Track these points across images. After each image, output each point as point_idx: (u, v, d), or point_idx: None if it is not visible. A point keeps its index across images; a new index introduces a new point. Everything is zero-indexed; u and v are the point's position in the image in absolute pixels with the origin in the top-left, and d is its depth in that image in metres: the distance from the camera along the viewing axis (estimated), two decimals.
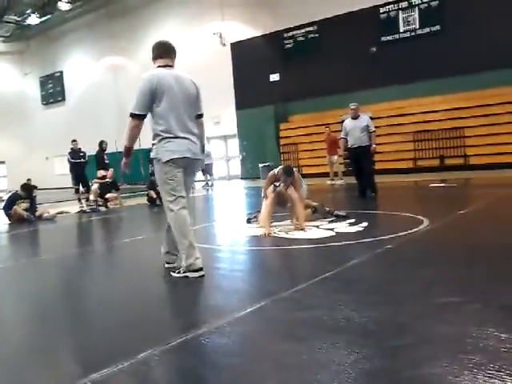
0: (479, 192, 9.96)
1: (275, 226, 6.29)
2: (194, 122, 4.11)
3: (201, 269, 3.91)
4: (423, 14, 17.27)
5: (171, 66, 4.11)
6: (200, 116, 4.23)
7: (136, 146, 4.33)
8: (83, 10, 27.26)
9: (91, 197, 12.66)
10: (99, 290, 4.07)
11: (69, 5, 24.50)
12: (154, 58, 4.14)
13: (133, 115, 3.92)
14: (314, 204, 6.90)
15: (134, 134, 3.99)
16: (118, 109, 27.36)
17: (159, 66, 4.09)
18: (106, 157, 13.64)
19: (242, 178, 22.07)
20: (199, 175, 18.61)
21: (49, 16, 27.29)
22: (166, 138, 3.94)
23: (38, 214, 10.23)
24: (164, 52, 4.15)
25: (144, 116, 3.94)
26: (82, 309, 3.52)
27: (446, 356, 2.15)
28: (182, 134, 3.98)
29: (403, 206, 7.91)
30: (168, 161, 3.93)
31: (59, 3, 24.23)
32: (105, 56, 28.11)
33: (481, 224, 5.81)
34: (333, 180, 14.34)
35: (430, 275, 3.55)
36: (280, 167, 6.52)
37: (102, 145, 13.70)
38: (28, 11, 26.49)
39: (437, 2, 16.97)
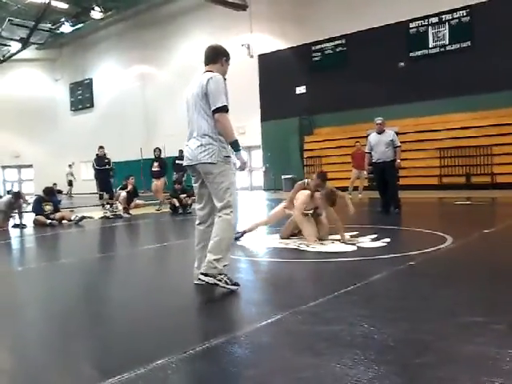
0: (505, 211, 9.76)
1: (298, 238, 6.28)
2: (201, 124, 3.80)
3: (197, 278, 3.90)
4: (453, 30, 17.10)
5: (208, 71, 3.92)
6: (215, 111, 3.75)
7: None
8: (114, 20, 27.82)
9: (119, 206, 12.70)
10: (119, 295, 4.09)
11: (101, 14, 25.01)
12: None
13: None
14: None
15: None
16: (146, 117, 27.72)
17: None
18: (155, 164, 13.68)
19: (264, 190, 22.07)
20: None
21: (81, 24, 27.89)
22: None
23: (58, 216, 10.47)
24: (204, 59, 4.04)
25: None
26: (100, 313, 3.54)
27: (468, 378, 2.09)
28: (186, 142, 3.99)
29: (427, 222, 7.79)
30: None
31: (92, 12, 24.76)
32: (134, 65, 28.57)
33: (506, 244, 5.68)
34: (350, 194, 14.14)
35: (452, 294, 3.48)
36: (309, 179, 6.57)
37: (154, 152, 13.88)
38: (62, 19, 27.08)
39: (468, 17, 16.81)
